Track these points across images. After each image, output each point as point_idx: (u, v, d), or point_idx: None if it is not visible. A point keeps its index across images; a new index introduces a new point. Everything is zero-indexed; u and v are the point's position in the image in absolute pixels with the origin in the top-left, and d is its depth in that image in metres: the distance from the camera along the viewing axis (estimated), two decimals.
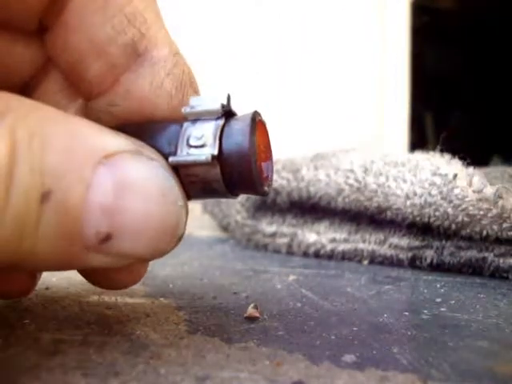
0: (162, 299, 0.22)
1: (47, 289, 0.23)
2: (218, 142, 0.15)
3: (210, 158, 0.15)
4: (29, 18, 0.17)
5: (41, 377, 0.14)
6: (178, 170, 0.16)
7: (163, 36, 0.18)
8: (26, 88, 0.19)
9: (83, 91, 0.18)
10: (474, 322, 0.19)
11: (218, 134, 0.15)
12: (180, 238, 0.16)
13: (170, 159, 0.15)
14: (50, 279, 0.24)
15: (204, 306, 0.21)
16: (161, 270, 0.28)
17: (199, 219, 0.47)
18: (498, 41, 1.28)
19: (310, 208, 0.34)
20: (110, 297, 0.22)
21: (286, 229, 0.35)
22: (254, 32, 0.85)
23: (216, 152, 0.15)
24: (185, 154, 0.15)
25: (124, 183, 0.14)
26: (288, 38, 0.85)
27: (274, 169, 0.35)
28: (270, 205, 0.35)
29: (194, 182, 0.16)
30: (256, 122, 0.16)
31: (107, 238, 0.14)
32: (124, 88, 0.18)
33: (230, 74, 0.82)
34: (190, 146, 0.15)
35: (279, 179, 0.34)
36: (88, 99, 0.18)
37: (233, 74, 0.83)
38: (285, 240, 0.34)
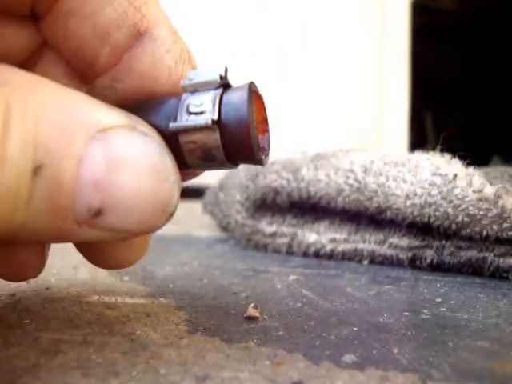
0: (161, 299, 0.22)
1: (47, 289, 0.23)
2: (217, 107, 0.16)
3: (209, 121, 0.15)
4: (20, 4, 0.17)
5: (41, 377, 0.14)
6: (178, 137, 0.16)
7: (162, 15, 0.18)
8: None
9: (85, 73, 0.18)
10: (474, 321, 0.19)
11: (217, 101, 0.16)
12: (171, 214, 0.15)
13: (171, 125, 0.16)
14: (49, 279, 0.24)
15: (204, 306, 0.21)
16: (161, 270, 0.28)
17: (199, 219, 0.47)
18: (498, 41, 1.28)
19: (310, 208, 0.34)
20: (109, 297, 0.22)
21: (285, 229, 0.35)
22: (253, 32, 0.85)
23: (215, 117, 0.15)
24: (184, 120, 0.16)
25: (116, 158, 0.14)
26: (287, 38, 0.85)
27: (274, 169, 0.35)
28: (269, 205, 0.35)
29: (193, 150, 0.16)
30: (253, 92, 0.16)
31: (99, 212, 0.14)
32: (126, 65, 0.18)
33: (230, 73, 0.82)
34: (190, 113, 0.16)
35: (279, 179, 0.34)
36: (90, 78, 0.18)
37: (232, 74, 0.83)
38: (285, 240, 0.34)
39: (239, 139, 0.16)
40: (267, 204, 0.35)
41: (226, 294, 0.23)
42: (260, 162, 0.17)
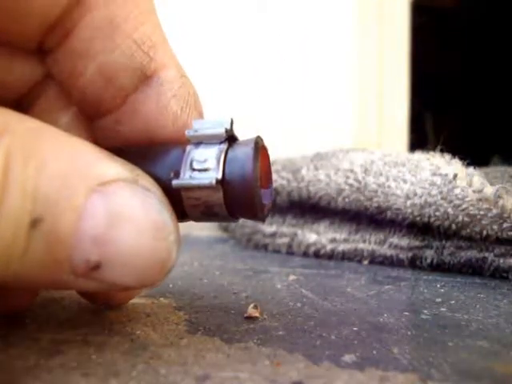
0: (161, 299, 0.22)
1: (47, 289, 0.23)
2: (221, 166, 0.15)
3: (213, 182, 0.15)
4: (29, 40, 0.17)
5: (41, 377, 0.14)
6: (180, 192, 0.16)
7: (170, 58, 0.18)
8: (22, 103, 0.18)
9: (89, 112, 0.18)
10: (474, 321, 0.19)
11: (222, 158, 0.15)
12: (169, 271, 0.15)
13: (174, 182, 0.15)
14: None
15: (204, 306, 0.21)
16: None
17: None
18: (498, 41, 1.28)
19: (310, 208, 0.34)
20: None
21: (285, 229, 0.35)
22: (253, 32, 0.85)
23: (220, 176, 0.15)
24: (188, 178, 0.15)
25: (116, 214, 0.14)
26: (286, 37, 0.85)
27: (274, 169, 0.35)
28: None
29: (195, 205, 0.16)
30: (259, 148, 0.16)
31: (96, 266, 0.14)
32: (131, 108, 0.18)
33: (230, 73, 0.82)
34: (194, 170, 0.16)
35: (279, 179, 0.34)
36: (93, 118, 0.18)
37: (232, 74, 0.83)
38: (285, 240, 0.34)
39: (242, 198, 0.15)
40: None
41: (226, 294, 0.23)
42: (262, 220, 0.17)
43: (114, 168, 0.14)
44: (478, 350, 0.17)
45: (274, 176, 0.34)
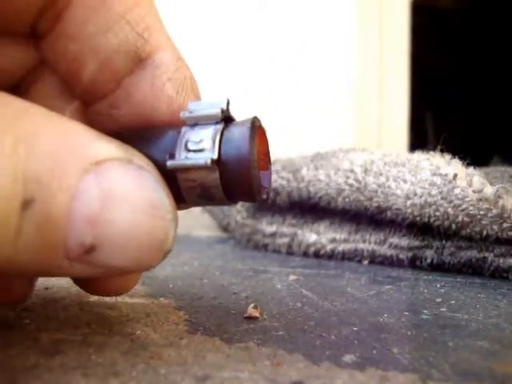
0: (161, 299, 0.22)
1: (47, 289, 0.23)
2: (217, 146, 0.15)
3: (209, 161, 0.15)
4: (20, 23, 0.17)
5: (41, 377, 0.14)
6: (176, 174, 0.15)
7: (165, 41, 0.17)
8: (17, 89, 0.18)
9: (83, 96, 0.18)
10: (474, 321, 0.19)
11: (218, 138, 0.15)
12: (167, 253, 0.15)
13: (168, 163, 0.15)
14: (49, 279, 0.24)
15: (204, 306, 0.21)
16: (161, 270, 0.28)
17: (199, 219, 0.47)
18: (498, 40, 1.28)
19: (310, 208, 0.34)
20: (110, 297, 0.22)
21: (285, 229, 0.35)
22: (253, 31, 0.85)
23: (215, 156, 0.15)
24: (183, 158, 0.15)
25: (111, 193, 0.13)
26: (286, 36, 0.85)
27: (274, 169, 0.35)
28: (269, 205, 0.35)
29: (191, 187, 0.15)
30: (256, 128, 0.16)
31: (91, 249, 0.13)
32: (125, 91, 0.17)
33: (229, 73, 0.82)
34: (189, 150, 0.15)
35: (279, 179, 0.34)
36: (88, 103, 0.18)
37: (232, 74, 0.83)
38: (285, 240, 0.34)
39: (239, 179, 0.15)
40: (267, 204, 0.35)
41: (226, 294, 0.23)
42: (260, 201, 0.16)
43: (107, 147, 0.14)
44: (478, 350, 0.17)
45: (274, 176, 0.34)
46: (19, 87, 0.18)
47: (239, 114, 0.17)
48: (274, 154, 0.18)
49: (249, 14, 0.85)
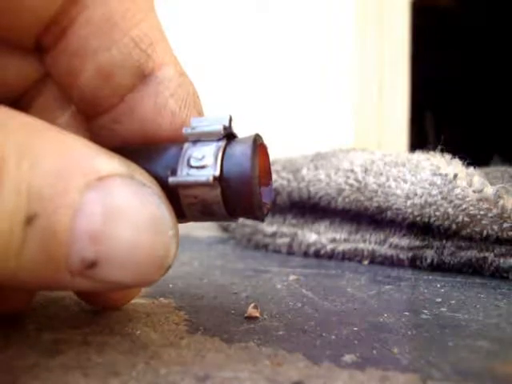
0: (161, 299, 0.22)
1: None
2: (219, 162, 0.15)
3: (211, 178, 0.15)
4: (26, 37, 0.17)
5: (41, 377, 0.14)
6: (177, 190, 0.15)
7: (169, 56, 0.18)
8: (20, 102, 0.18)
9: (86, 110, 0.18)
10: (475, 321, 0.19)
11: (220, 155, 0.15)
12: (168, 269, 0.15)
13: (170, 179, 0.15)
14: None
15: (204, 306, 0.21)
16: None
17: None
18: (498, 40, 1.28)
19: (310, 208, 0.34)
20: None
21: (286, 229, 0.35)
22: (252, 32, 0.85)
23: (217, 173, 0.15)
24: (185, 175, 0.15)
25: (113, 209, 0.13)
26: (286, 36, 0.85)
27: (274, 169, 0.35)
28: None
29: (193, 204, 0.16)
30: (257, 145, 0.16)
31: (93, 264, 0.13)
32: (128, 106, 0.17)
33: (230, 72, 0.82)
34: (191, 167, 0.15)
35: (279, 179, 0.34)
36: (91, 117, 0.18)
37: (232, 74, 0.83)
38: (285, 240, 0.34)
39: (241, 196, 0.15)
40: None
41: (226, 294, 0.23)
42: (261, 219, 0.16)
43: (109, 163, 0.14)
44: (478, 350, 0.17)
45: (274, 176, 0.34)
46: (22, 100, 0.18)
47: (239, 113, 0.17)
48: (274, 154, 0.18)
49: (248, 15, 0.85)
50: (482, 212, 0.26)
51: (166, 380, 0.14)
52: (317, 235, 0.33)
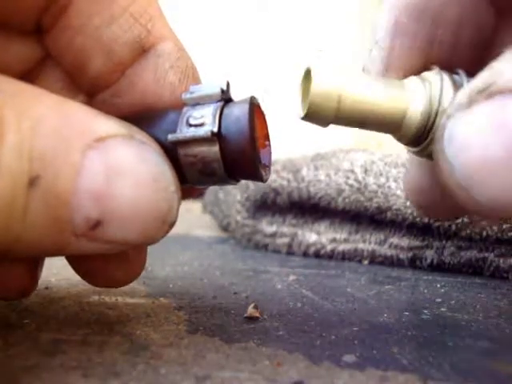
0: (162, 299, 0.22)
1: (47, 289, 0.23)
2: (217, 120, 0.15)
3: (209, 133, 0.15)
4: (25, 19, 0.17)
5: (41, 377, 0.14)
6: (177, 150, 0.16)
7: (167, 31, 0.18)
8: None
9: (87, 87, 0.18)
10: (475, 321, 0.19)
11: (218, 113, 0.16)
12: (172, 225, 0.15)
13: (169, 136, 0.15)
14: (49, 279, 0.24)
15: (204, 306, 0.21)
16: (161, 270, 0.28)
17: (199, 219, 0.47)
18: None
19: (310, 208, 0.34)
20: (110, 297, 0.22)
21: (286, 229, 0.35)
22: (253, 31, 0.85)
23: (216, 129, 0.15)
24: (184, 132, 0.15)
25: (115, 168, 0.14)
26: (286, 36, 0.85)
27: (274, 169, 0.35)
28: (270, 205, 0.35)
29: (192, 163, 0.16)
30: (254, 105, 0.16)
31: (97, 224, 0.14)
32: (129, 80, 0.18)
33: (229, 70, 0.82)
34: (190, 125, 0.16)
35: (279, 179, 0.34)
36: (92, 94, 0.18)
37: (231, 74, 0.83)
38: (285, 240, 0.34)
39: (239, 152, 0.15)
40: (267, 204, 0.35)
41: (226, 294, 0.23)
42: (261, 178, 0.16)
43: (109, 124, 0.14)
44: (478, 349, 0.17)
45: (274, 176, 0.34)
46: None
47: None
48: (274, 154, 0.18)
49: (248, 15, 0.85)
50: None
51: (166, 380, 0.14)
52: (317, 235, 0.33)
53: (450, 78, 0.16)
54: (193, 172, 0.16)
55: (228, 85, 0.16)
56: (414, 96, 0.16)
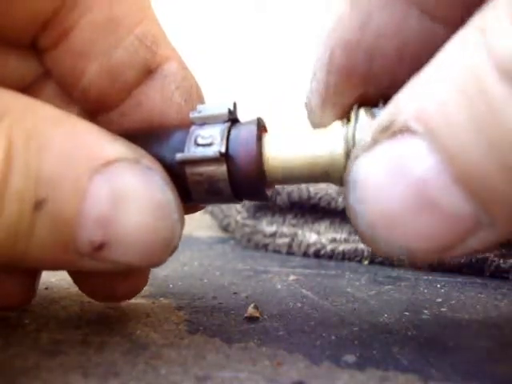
0: (161, 299, 0.22)
1: (47, 289, 0.23)
2: (225, 140, 0.16)
3: (217, 153, 0.15)
4: (21, 37, 0.17)
5: (41, 377, 0.14)
6: (184, 169, 0.16)
7: (172, 51, 0.18)
8: None
9: (92, 108, 0.18)
10: (475, 321, 0.19)
11: (226, 133, 0.16)
12: (174, 249, 0.16)
13: (178, 155, 0.16)
14: (49, 279, 0.24)
15: (204, 306, 0.21)
16: (161, 270, 0.28)
17: (199, 219, 0.47)
18: None
19: (310, 208, 0.34)
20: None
21: (286, 229, 0.35)
22: (252, 32, 0.85)
23: (224, 149, 0.15)
24: (192, 152, 0.16)
25: (120, 193, 0.14)
26: (286, 36, 0.85)
27: None
28: (270, 205, 0.35)
29: (199, 182, 0.16)
30: (261, 127, 0.16)
31: (101, 246, 0.14)
32: (135, 100, 0.18)
33: (230, 71, 0.82)
34: (198, 145, 0.16)
35: None
36: (98, 113, 0.18)
37: (232, 74, 0.83)
38: (285, 240, 0.34)
39: (246, 173, 0.16)
40: (267, 204, 0.35)
41: (226, 294, 0.23)
42: (266, 199, 0.17)
43: (116, 147, 0.14)
44: (478, 350, 0.17)
45: None
46: None
47: (239, 114, 0.17)
48: None
49: (246, 16, 0.85)
50: None
51: (166, 380, 0.14)
52: (317, 235, 0.33)
53: (370, 113, 0.15)
54: (199, 190, 0.16)
55: (235, 105, 0.17)
56: (335, 141, 0.15)
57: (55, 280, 0.24)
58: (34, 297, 0.19)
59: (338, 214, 0.33)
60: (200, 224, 0.45)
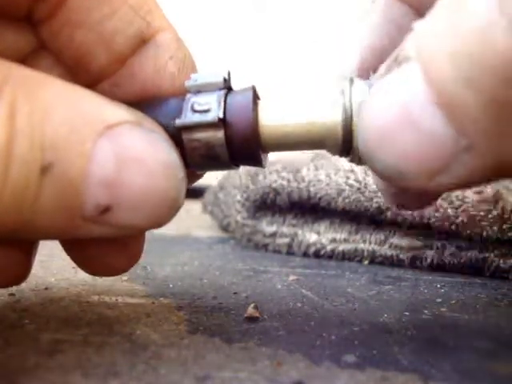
0: (161, 299, 0.22)
1: (47, 289, 0.23)
2: (222, 106, 0.16)
3: (216, 118, 0.15)
4: (15, 8, 0.17)
5: (41, 377, 0.14)
6: (181, 135, 0.16)
7: (166, 22, 0.18)
8: None
9: (87, 78, 0.18)
10: (475, 322, 0.19)
11: (223, 100, 0.16)
12: (178, 209, 0.16)
13: (176, 121, 0.16)
14: (49, 279, 0.24)
15: (204, 306, 0.21)
16: (161, 270, 0.28)
17: (199, 219, 0.47)
18: None
19: (310, 208, 0.34)
20: (110, 297, 0.22)
21: (286, 229, 0.35)
22: (251, 31, 0.85)
23: (222, 114, 0.16)
24: (189, 117, 0.16)
25: (125, 155, 0.14)
26: (286, 36, 0.85)
27: (274, 169, 0.35)
28: (270, 205, 0.35)
29: (196, 148, 0.16)
30: (256, 95, 0.16)
31: (107, 209, 0.14)
32: (129, 70, 0.18)
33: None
34: (195, 111, 0.16)
35: (279, 179, 0.34)
36: (91, 84, 0.18)
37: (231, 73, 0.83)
38: (285, 240, 0.34)
39: (243, 138, 0.16)
40: (267, 204, 0.35)
41: (226, 294, 0.23)
42: (261, 164, 0.17)
43: (118, 111, 0.14)
44: (478, 349, 0.17)
45: (274, 176, 0.34)
46: None
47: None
48: (274, 154, 0.18)
49: (245, 16, 0.85)
50: (481, 213, 0.26)
51: (166, 380, 0.14)
52: (317, 235, 0.33)
53: (364, 82, 0.16)
54: (196, 156, 0.16)
55: (229, 74, 0.17)
56: (332, 108, 0.16)
57: (55, 280, 0.24)
58: (28, 274, 0.19)
59: (337, 214, 0.33)
60: (200, 224, 0.45)
